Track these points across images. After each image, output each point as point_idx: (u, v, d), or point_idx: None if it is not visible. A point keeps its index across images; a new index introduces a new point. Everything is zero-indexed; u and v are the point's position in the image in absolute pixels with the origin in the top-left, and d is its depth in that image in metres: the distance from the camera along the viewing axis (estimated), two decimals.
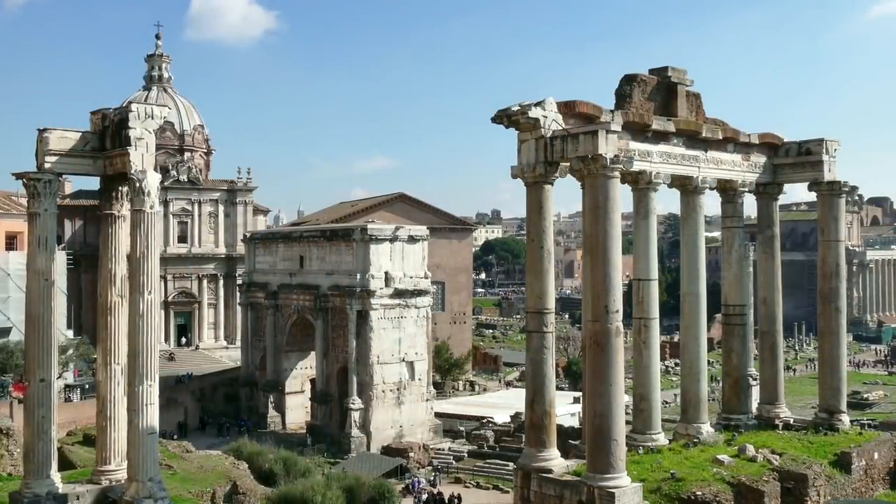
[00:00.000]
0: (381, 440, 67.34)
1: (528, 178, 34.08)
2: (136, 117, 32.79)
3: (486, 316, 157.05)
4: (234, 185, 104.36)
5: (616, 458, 31.58)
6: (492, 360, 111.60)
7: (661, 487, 32.98)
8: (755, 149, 41.91)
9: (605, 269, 31.66)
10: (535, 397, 34.19)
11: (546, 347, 34.06)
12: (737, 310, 42.56)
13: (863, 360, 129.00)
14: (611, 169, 31.64)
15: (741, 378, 42.69)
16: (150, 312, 32.38)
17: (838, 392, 42.38)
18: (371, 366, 68.20)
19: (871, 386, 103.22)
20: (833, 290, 42.06)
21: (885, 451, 40.37)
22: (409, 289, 71.04)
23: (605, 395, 31.57)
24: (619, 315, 31.76)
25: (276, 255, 79.28)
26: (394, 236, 71.08)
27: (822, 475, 35.70)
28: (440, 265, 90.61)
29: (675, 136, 37.62)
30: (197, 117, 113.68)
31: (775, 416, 42.73)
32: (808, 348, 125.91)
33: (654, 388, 37.84)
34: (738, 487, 32.83)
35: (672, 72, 38.12)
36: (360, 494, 52.51)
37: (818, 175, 42.04)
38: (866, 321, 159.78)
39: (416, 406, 70.96)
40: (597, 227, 31.92)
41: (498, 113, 33.68)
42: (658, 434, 38.03)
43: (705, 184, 39.55)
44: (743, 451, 36.59)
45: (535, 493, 33.64)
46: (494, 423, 72.65)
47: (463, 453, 67.27)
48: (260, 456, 58.29)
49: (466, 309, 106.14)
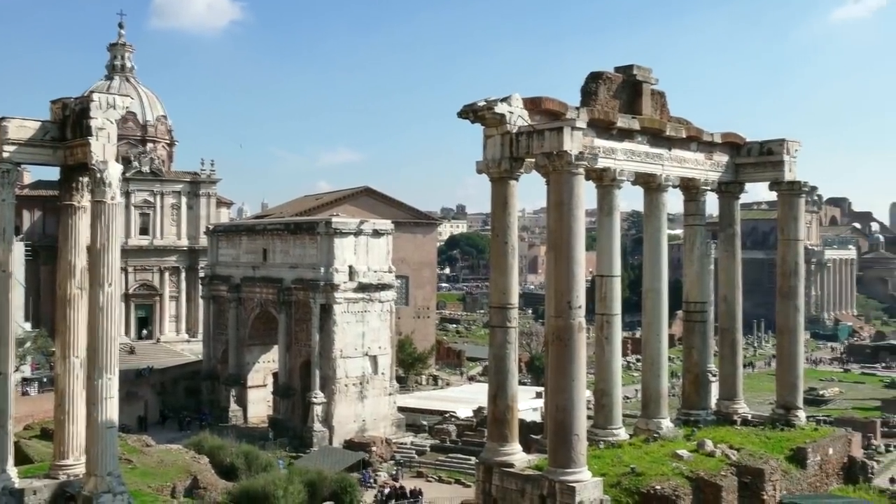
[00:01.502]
0: (343, 434, 67.23)
1: (494, 174, 34.15)
2: (97, 107, 32.37)
3: (450, 311, 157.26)
4: (197, 176, 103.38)
5: (577, 453, 31.82)
6: (455, 355, 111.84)
7: (621, 482, 33.28)
8: (718, 148, 42.36)
9: (568, 265, 31.86)
10: (498, 392, 34.32)
11: (509, 342, 34.21)
12: (698, 307, 43.01)
13: (819, 357, 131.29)
14: (575, 166, 31.82)
15: (701, 374, 43.18)
16: (111, 305, 32.02)
17: (795, 389, 43.01)
18: (334, 360, 68.03)
19: (827, 383, 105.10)
20: (792, 289, 42.66)
21: (840, 447, 41.10)
22: (373, 283, 70.94)
23: (567, 391, 31.78)
24: (581, 311, 31.97)
25: (239, 248, 78.74)
26: (358, 230, 70.90)
27: (779, 470, 36.25)
28: (405, 259, 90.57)
29: (639, 133, 37.91)
30: (160, 108, 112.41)
31: (734, 411, 43.28)
32: (766, 345, 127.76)
33: (615, 384, 38.15)
34: (697, 482, 33.23)
35: (637, 70, 38.39)
36: (322, 489, 52.41)
37: (779, 175, 42.59)
38: (823, 319, 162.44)
39: (379, 400, 70.92)
40: (561, 224, 32.09)
41: (464, 108, 33.69)
42: (619, 429, 38.36)
43: (668, 182, 39.90)
44: (702, 446, 37.02)
45: (496, 488, 33.78)
46: (457, 417, 72.85)
47: (425, 447, 67.39)
48: (221, 450, 57.92)
49: (430, 303, 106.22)
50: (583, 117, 33.59)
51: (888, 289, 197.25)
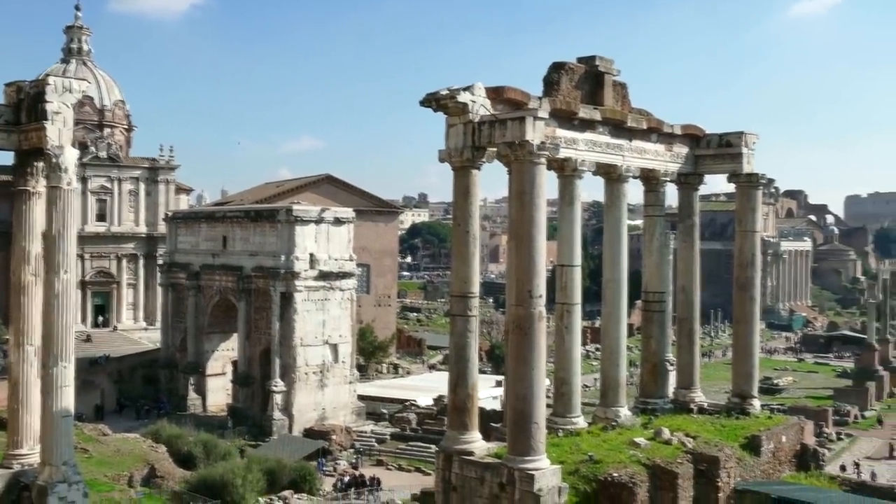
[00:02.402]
0: (303, 423, 67.06)
1: (456, 163, 34.14)
2: (53, 90, 31.82)
3: (411, 299, 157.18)
4: (155, 163, 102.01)
5: (536, 441, 32.05)
6: (416, 344, 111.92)
7: (579, 469, 33.58)
8: (678, 139, 42.72)
9: (529, 254, 32.00)
10: (458, 380, 34.41)
11: (470, 331, 34.28)
12: (656, 297, 43.43)
13: (774, 347, 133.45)
14: (537, 155, 31.92)
15: (659, 363, 43.65)
16: (66, 292, 31.56)
17: (750, 378, 43.62)
18: (294, 348, 67.75)
19: (782, 372, 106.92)
20: (748, 280, 43.21)
21: (792, 435, 41.82)
22: (334, 271, 70.70)
23: (527, 379, 31.97)
24: (542, 300, 32.14)
25: (198, 236, 77.97)
26: (319, 218, 70.55)
27: (733, 457, 36.80)
28: (366, 248, 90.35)
29: (600, 124, 38.10)
30: (118, 92, 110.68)
31: (690, 400, 43.81)
32: (723, 335, 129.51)
33: (574, 373, 38.43)
34: (654, 469, 33.62)
35: (600, 61, 38.56)
36: (281, 477, 52.28)
37: (737, 167, 43.03)
38: (779, 310, 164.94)
39: (340, 389, 70.81)
40: (522, 213, 32.20)
41: (427, 96, 33.61)
42: (578, 417, 38.66)
43: (629, 172, 40.18)
44: (659, 434, 37.46)
45: (456, 476, 33.90)
46: (417, 406, 73.00)
47: (385, 436, 67.46)
48: (179, 439, 57.55)
49: (391, 292, 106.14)
50: (545, 107, 33.67)
51: (841, 280, 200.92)
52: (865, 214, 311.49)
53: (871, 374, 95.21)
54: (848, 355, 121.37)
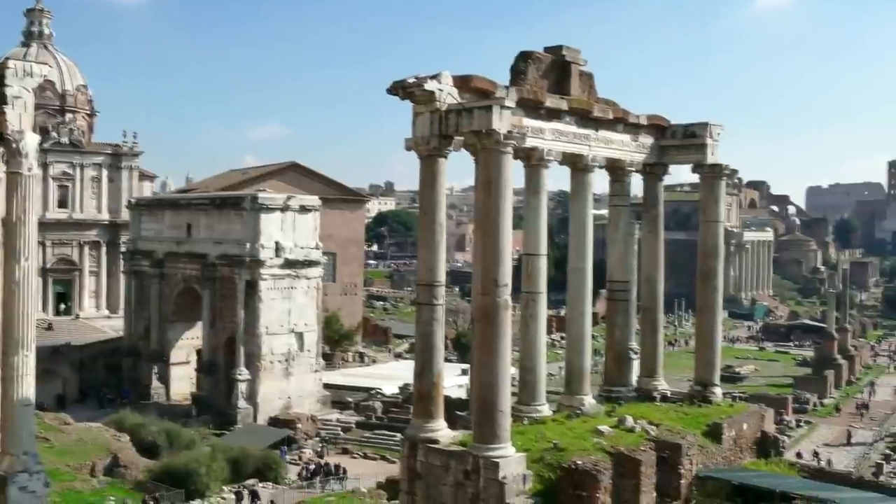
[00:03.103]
0: (268, 411, 66.84)
1: (423, 151, 34.10)
2: (13, 74, 31.23)
3: (377, 288, 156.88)
4: (119, 149, 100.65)
5: (501, 429, 32.22)
6: (382, 332, 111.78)
7: (543, 457, 33.80)
8: (643, 130, 42.95)
9: (495, 243, 32.08)
10: (424, 369, 34.47)
11: (436, 320, 34.33)
12: (621, 286, 43.71)
13: (736, 336, 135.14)
14: (504, 144, 31.98)
15: (623, 352, 44.00)
16: (27, 280, 31.09)
17: (713, 366, 44.10)
18: (259, 336, 67.43)
19: (744, 360, 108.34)
20: (711, 269, 43.64)
21: (753, 422, 42.41)
22: (300, 259, 70.40)
23: (493, 367, 32.10)
24: (507, 289, 32.25)
25: (162, 223, 77.21)
26: (285, 206, 70.17)
27: (695, 445, 37.23)
28: (332, 236, 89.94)
29: (567, 114, 38.21)
30: (80, 77, 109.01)
31: (654, 388, 44.22)
32: (686, 324, 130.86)
33: (539, 361, 38.62)
34: (617, 457, 33.93)
35: (566, 51, 38.64)
36: (246, 466, 52.11)
37: (701, 157, 43.33)
38: (741, 299, 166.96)
39: (305, 377, 70.63)
40: (489, 202, 32.27)
41: (393, 84, 33.51)
42: (542, 405, 38.88)
43: (595, 162, 40.35)
44: (622, 422, 37.79)
45: (421, 464, 34.00)
46: (383, 394, 73.06)
47: (351, 424, 67.45)
48: (142, 428, 57.17)
49: (357, 280, 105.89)
50: (512, 96, 33.72)
51: (802, 270, 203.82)
52: (826, 205, 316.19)
53: (831, 362, 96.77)
54: (808, 344, 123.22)
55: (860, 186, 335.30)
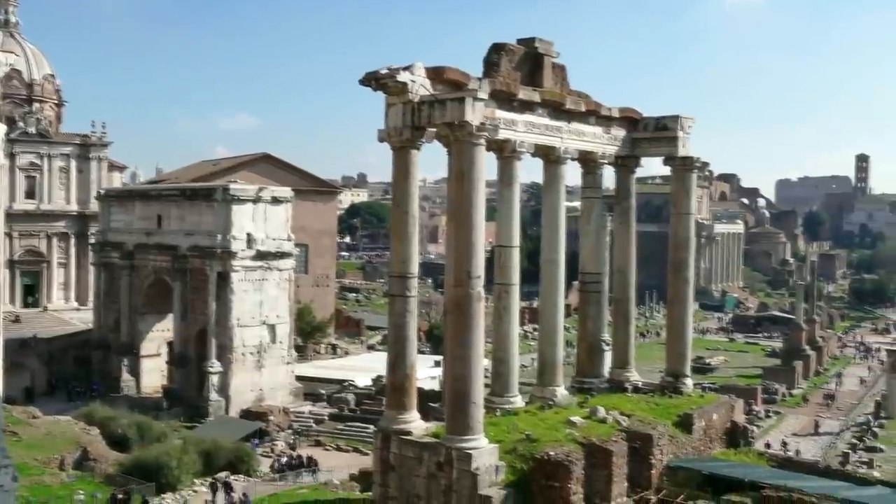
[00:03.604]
0: (240, 404, 66.53)
1: (395, 143, 34.03)
2: None
3: (350, 279, 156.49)
4: (87, 139, 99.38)
5: (474, 420, 32.31)
6: (354, 324, 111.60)
7: (516, 448, 33.94)
8: (615, 122, 43.14)
9: (468, 235, 32.11)
10: (397, 360, 34.47)
11: (408, 311, 34.33)
12: (593, 277, 43.95)
13: (707, 327, 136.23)
14: (477, 136, 32.00)
15: (595, 343, 44.27)
16: None
17: (683, 357, 44.50)
18: (231, 328, 67.06)
19: (714, 352, 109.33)
20: (682, 261, 43.98)
21: (723, 413, 42.85)
22: (272, 251, 70.06)
23: (466, 359, 32.16)
24: (480, 281, 32.32)
25: (132, 214, 76.45)
26: (257, 197, 69.76)
27: (666, 435, 37.55)
28: (304, 228, 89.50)
29: (540, 106, 38.28)
30: (47, 66, 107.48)
31: (626, 379, 44.54)
32: (658, 315, 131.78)
33: (512, 353, 38.77)
34: (589, 447, 34.14)
35: (539, 43, 38.69)
36: (218, 458, 51.84)
37: (673, 150, 43.63)
38: (711, 291, 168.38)
39: (277, 369, 70.36)
40: (461, 194, 32.29)
41: (366, 75, 33.38)
42: (515, 397, 39.05)
43: (567, 154, 40.48)
44: (594, 413, 38.03)
45: (394, 455, 34.02)
46: (356, 386, 72.95)
47: (324, 416, 67.31)
48: (113, 421, 56.68)
49: (330, 272, 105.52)
50: (485, 88, 33.71)
51: (771, 262, 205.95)
52: (795, 198, 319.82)
53: (799, 353, 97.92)
54: (777, 335, 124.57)
55: (828, 180, 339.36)
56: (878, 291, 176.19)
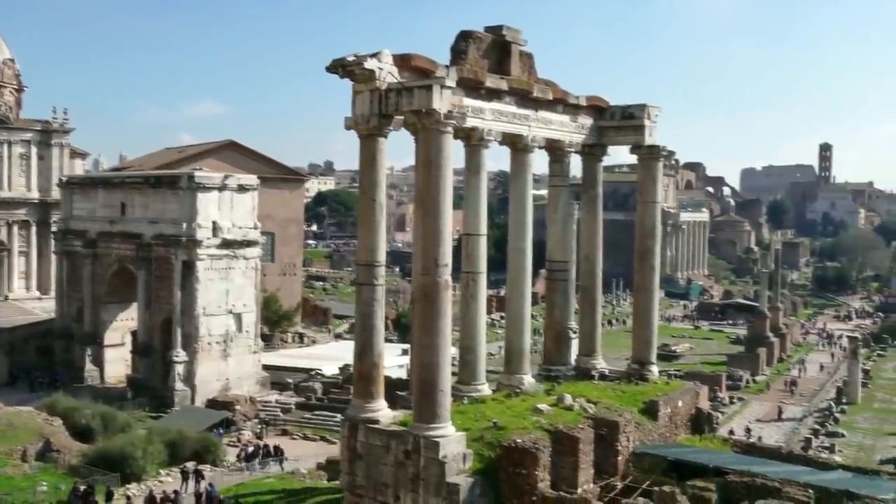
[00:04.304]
0: (206, 393, 66.06)
1: (362, 131, 33.85)
2: None
3: (317, 268, 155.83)
4: (49, 125, 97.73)
5: (442, 409, 32.34)
6: (322, 313, 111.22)
7: (483, 436, 34.05)
8: (582, 111, 43.24)
9: (435, 223, 32.07)
10: (364, 349, 34.39)
11: (376, 300, 34.24)
12: (560, 266, 44.12)
13: (672, 315, 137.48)
14: (444, 124, 31.92)
15: (562, 331, 44.48)
16: None
17: (649, 345, 44.88)
18: (197, 318, 66.50)
19: (679, 339, 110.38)
20: (649, 249, 44.28)
21: (688, 400, 43.31)
22: (238, 239, 69.52)
23: (433, 347, 32.16)
24: (448, 269, 32.30)
25: (95, 202, 75.40)
26: (222, 185, 69.12)
27: (632, 422, 37.88)
28: (270, 216, 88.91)
29: (507, 94, 38.26)
30: (7, 51, 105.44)
31: (592, 367, 44.83)
32: (624, 303, 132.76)
33: (479, 341, 38.83)
34: (556, 434, 34.33)
35: (507, 31, 38.63)
36: (183, 448, 51.46)
37: (639, 139, 43.84)
38: (677, 279, 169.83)
39: (244, 358, 69.93)
40: (429, 182, 32.22)
41: (333, 62, 33.14)
42: (482, 385, 39.14)
43: (535, 142, 40.53)
44: (561, 401, 38.23)
45: (361, 444, 33.98)
46: (323, 375, 72.76)
47: (290, 405, 67.04)
48: (76, 411, 56.04)
49: (297, 260, 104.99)
50: (452, 76, 33.61)
51: (736, 250, 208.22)
52: (760, 187, 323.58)
53: (763, 340, 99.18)
54: (741, 322, 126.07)
55: (792, 168, 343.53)
56: (841, 279, 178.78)
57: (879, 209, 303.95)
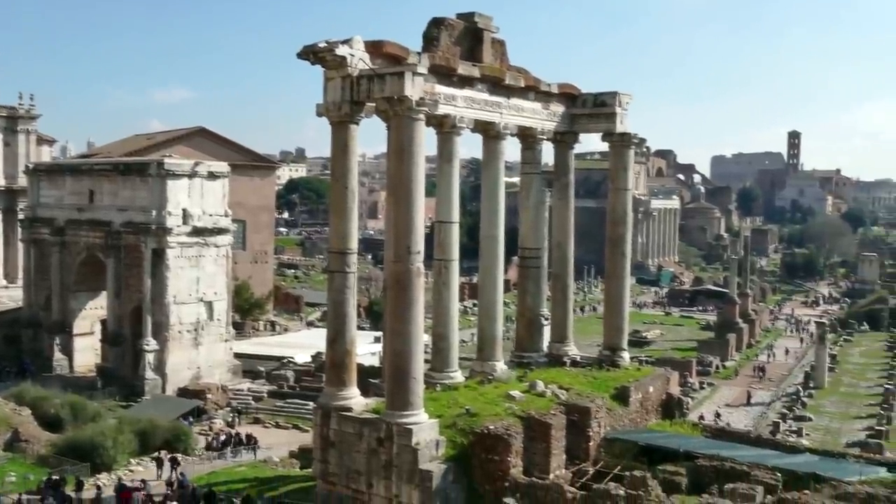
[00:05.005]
0: (177, 382, 65.63)
1: (334, 118, 33.71)
2: None
3: (289, 255, 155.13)
4: (15, 111, 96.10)
5: (414, 396, 32.41)
6: (294, 300, 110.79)
7: (456, 423, 34.17)
8: (554, 98, 43.32)
9: (408, 210, 32.03)
10: (336, 337, 34.35)
11: (348, 287, 34.19)
12: (532, 253, 44.27)
13: (644, 301, 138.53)
14: (416, 111, 31.86)
15: (534, 318, 44.68)
16: None
17: (620, 331, 45.20)
18: (167, 306, 65.99)
19: (650, 325, 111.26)
20: (620, 236, 44.53)
21: (659, 385, 43.70)
22: (209, 227, 68.99)
23: (406, 335, 32.19)
24: (420, 256, 32.30)
25: (63, 189, 74.44)
26: (193, 172, 68.48)
27: (604, 408, 38.17)
28: (242, 203, 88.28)
29: (479, 81, 38.23)
30: None
31: (564, 353, 45.08)
32: (596, 290, 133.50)
33: (452, 328, 38.90)
34: (528, 421, 34.51)
35: (479, 18, 38.58)
36: (154, 438, 51.16)
37: (611, 126, 43.99)
38: (648, 265, 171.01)
39: (215, 347, 69.53)
40: (401, 169, 32.16)
41: (304, 49, 32.93)
42: (455, 372, 39.24)
43: (507, 130, 40.56)
44: (533, 387, 38.44)
45: (334, 432, 33.98)
46: (295, 363, 72.56)
47: (263, 394, 66.83)
48: (45, 401, 55.51)
49: (268, 248, 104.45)
50: (424, 63, 33.52)
51: (706, 237, 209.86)
52: (729, 174, 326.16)
53: (732, 326, 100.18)
54: (711, 309, 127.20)
55: (762, 156, 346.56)
56: (809, 265, 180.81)
57: (846, 196, 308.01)
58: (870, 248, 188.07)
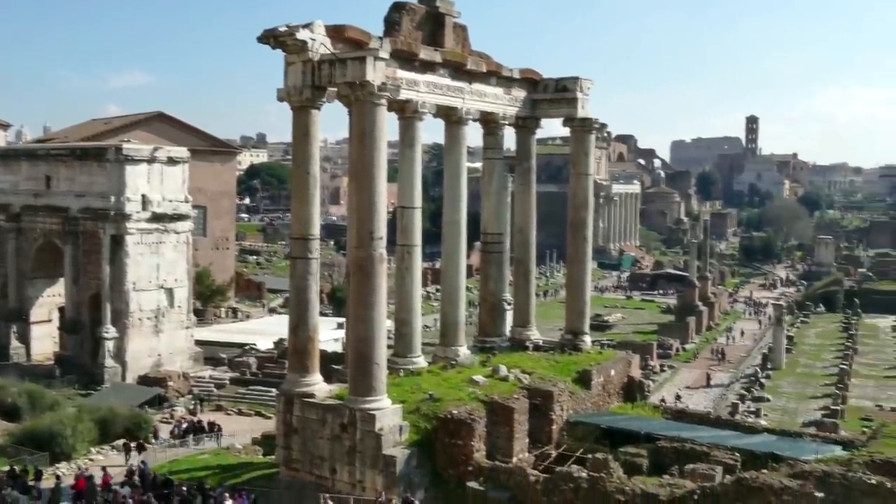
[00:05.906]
0: (137, 370, 64.99)
1: (295, 102, 33.49)
2: None
3: (250, 242, 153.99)
4: None
5: (377, 381, 32.45)
6: (255, 287, 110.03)
7: (419, 408, 34.28)
8: (516, 83, 43.40)
9: (370, 195, 31.97)
10: (299, 323, 34.25)
11: (310, 273, 34.08)
12: (495, 238, 44.43)
13: (605, 285, 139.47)
14: (378, 96, 31.76)
15: (497, 303, 44.88)
16: None
17: (582, 315, 45.57)
18: (126, 293, 65.22)
19: (612, 309, 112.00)
20: (581, 221, 44.83)
21: (620, 369, 44.17)
22: (169, 213, 68.22)
23: (368, 320, 32.19)
24: (382, 242, 32.28)
25: (18, 175, 73.10)
26: (152, 157, 67.61)
27: (566, 391, 38.50)
28: (202, 189, 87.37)
29: (441, 66, 38.18)
30: None
31: (527, 338, 45.37)
32: (558, 275, 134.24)
33: (415, 314, 38.97)
34: (491, 405, 34.73)
35: (440, 2, 38.51)
36: (114, 426, 50.66)
37: (572, 111, 44.19)
38: (609, 250, 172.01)
39: (176, 334, 68.91)
40: (363, 154, 32.07)
41: (264, 33, 32.63)
42: (418, 357, 39.34)
43: (469, 115, 40.58)
44: (496, 372, 38.67)
45: (297, 418, 33.93)
46: (257, 349, 72.18)
47: (225, 381, 66.43)
48: (2, 390, 54.71)
49: (229, 234, 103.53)
50: (386, 48, 33.39)
51: (667, 221, 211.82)
52: (689, 159, 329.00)
53: (692, 309, 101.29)
54: (671, 292, 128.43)
55: (720, 141, 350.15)
56: (766, 248, 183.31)
57: (803, 180, 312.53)
58: (826, 231, 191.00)
